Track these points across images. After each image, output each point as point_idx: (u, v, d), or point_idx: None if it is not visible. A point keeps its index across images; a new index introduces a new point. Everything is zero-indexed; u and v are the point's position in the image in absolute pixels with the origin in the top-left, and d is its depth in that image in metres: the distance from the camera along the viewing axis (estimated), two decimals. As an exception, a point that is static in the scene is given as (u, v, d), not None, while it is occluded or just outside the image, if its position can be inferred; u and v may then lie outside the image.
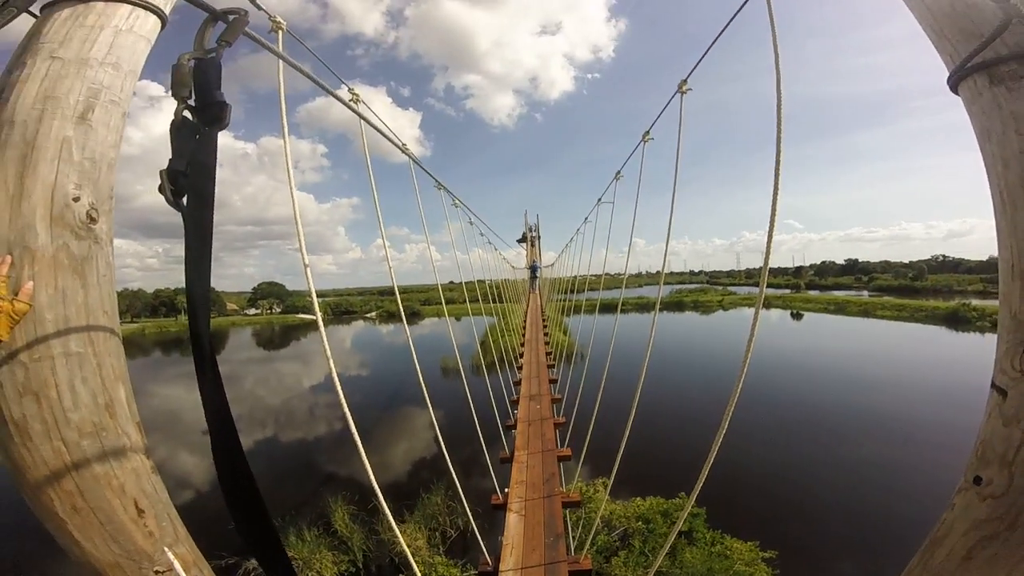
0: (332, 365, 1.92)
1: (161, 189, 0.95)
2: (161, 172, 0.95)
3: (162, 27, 1.08)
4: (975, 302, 38.05)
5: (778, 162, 1.68)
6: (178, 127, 0.96)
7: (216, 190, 1.03)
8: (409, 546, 8.80)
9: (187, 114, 0.97)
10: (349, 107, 2.62)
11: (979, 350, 24.32)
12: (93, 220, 0.91)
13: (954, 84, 0.88)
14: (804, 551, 8.63)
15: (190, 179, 0.97)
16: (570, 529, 6.37)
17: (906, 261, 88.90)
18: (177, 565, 0.98)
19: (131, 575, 0.93)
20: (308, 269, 1.84)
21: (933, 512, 0.88)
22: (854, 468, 11.93)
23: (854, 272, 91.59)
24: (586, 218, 10.36)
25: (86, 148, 0.91)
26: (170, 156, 0.95)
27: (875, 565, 7.97)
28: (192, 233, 1.01)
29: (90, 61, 0.93)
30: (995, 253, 0.80)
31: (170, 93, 0.95)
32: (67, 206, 0.87)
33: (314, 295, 1.84)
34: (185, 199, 0.99)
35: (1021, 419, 0.74)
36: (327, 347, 1.91)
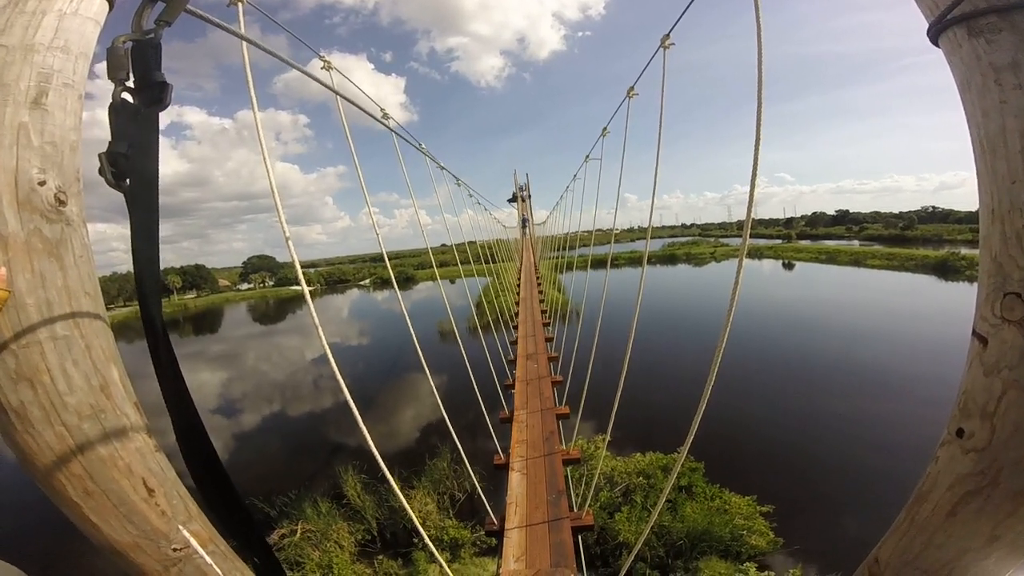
0: (324, 339, 1.94)
1: (101, 172, 0.94)
2: (100, 155, 0.93)
3: (110, 8, 1.05)
4: (964, 251, 38.32)
5: (759, 114, 1.65)
6: (117, 109, 0.94)
7: (160, 170, 1.02)
8: (419, 512, 9.08)
9: (126, 96, 0.94)
10: (319, 81, 2.52)
11: (970, 299, 24.52)
12: (62, 203, 0.90)
13: (934, 36, 0.87)
14: (802, 504, 8.72)
15: (132, 161, 0.96)
16: (572, 486, 6.58)
17: (896, 212, 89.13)
18: (193, 542, 1.00)
19: (151, 555, 0.95)
20: (290, 242, 1.82)
21: (926, 466, 0.85)
22: (851, 420, 12.06)
23: (845, 222, 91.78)
24: (575, 175, 10.23)
25: (45, 132, 0.89)
26: (110, 139, 0.94)
27: (871, 519, 8.14)
28: (137, 215, 1.00)
29: (36, 46, 0.91)
30: (985, 204, 0.79)
31: (107, 76, 0.93)
32: (33, 190, 0.86)
33: (299, 270, 1.83)
34: (128, 181, 0.97)
35: (1002, 368, 0.71)
36: (316, 319, 1.92)
